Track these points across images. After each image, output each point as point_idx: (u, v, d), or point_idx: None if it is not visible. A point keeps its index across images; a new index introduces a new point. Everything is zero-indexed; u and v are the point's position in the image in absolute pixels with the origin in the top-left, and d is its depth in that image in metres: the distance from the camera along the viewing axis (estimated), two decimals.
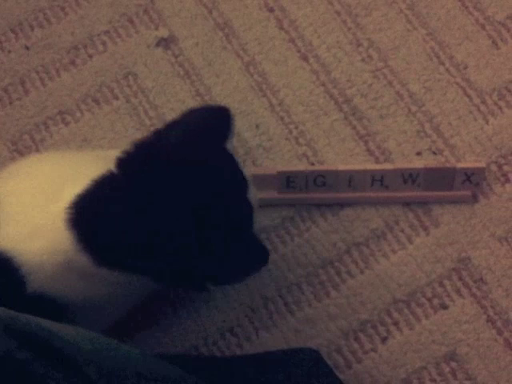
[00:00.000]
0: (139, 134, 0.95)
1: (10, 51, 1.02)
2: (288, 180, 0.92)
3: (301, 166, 0.93)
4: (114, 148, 0.80)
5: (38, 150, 0.98)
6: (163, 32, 1.01)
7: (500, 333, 0.87)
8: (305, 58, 0.99)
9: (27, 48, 1.02)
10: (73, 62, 1.01)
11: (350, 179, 0.92)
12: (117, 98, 0.99)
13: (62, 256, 0.71)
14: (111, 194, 0.71)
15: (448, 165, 0.91)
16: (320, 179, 0.92)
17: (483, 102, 0.95)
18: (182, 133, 0.73)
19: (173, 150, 0.72)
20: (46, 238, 0.72)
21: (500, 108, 0.95)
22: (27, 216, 0.73)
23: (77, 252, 0.71)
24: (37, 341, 0.55)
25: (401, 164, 0.92)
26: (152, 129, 0.97)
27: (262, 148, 0.97)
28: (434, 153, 0.94)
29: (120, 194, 0.71)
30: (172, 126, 0.75)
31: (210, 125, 0.75)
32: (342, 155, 0.95)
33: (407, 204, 0.92)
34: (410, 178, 0.91)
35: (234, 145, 0.80)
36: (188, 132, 0.74)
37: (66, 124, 0.99)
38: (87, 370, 0.56)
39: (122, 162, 0.72)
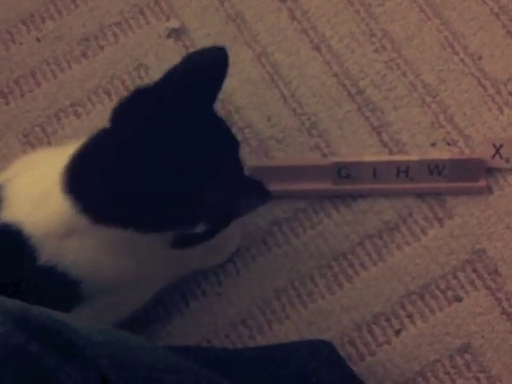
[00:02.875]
0: None
1: (21, 43, 1.02)
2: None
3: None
4: None
5: (49, 142, 0.98)
6: (174, 23, 1.01)
7: None
8: (317, 49, 0.99)
9: (38, 40, 1.02)
10: (84, 54, 1.01)
11: (375, 170, 0.91)
12: (128, 90, 0.99)
13: (64, 220, 0.72)
14: (102, 149, 0.73)
15: (474, 155, 0.91)
16: (344, 171, 0.91)
17: (498, 92, 0.94)
18: (178, 81, 0.74)
19: (166, 101, 0.73)
20: (47, 206, 0.73)
21: None
22: (32, 188, 0.75)
23: (75, 213, 0.72)
24: (48, 333, 0.55)
25: (426, 155, 0.91)
26: None
27: (274, 139, 0.96)
28: (449, 144, 0.93)
29: (110, 147, 0.72)
30: (170, 74, 0.75)
31: (207, 70, 0.75)
32: (355, 147, 0.94)
33: (421, 196, 0.92)
34: (435, 169, 0.90)
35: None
36: (184, 80, 0.74)
37: (78, 116, 0.99)
38: (99, 362, 0.56)
39: (115, 114, 0.74)
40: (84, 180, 0.73)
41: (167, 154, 0.72)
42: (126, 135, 0.73)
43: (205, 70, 0.75)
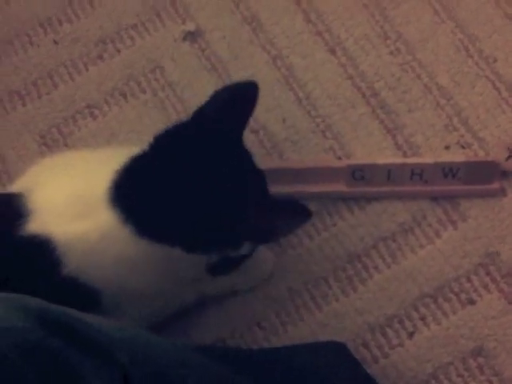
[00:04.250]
0: None
1: (38, 46, 1.03)
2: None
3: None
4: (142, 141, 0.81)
5: (65, 144, 0.99)
6: (190, 26, 1.01)
7: None
8: (332, 51, 0.99)
9: (56, 42, 1.03)
10: (100, 56, 1.02)
11: (389, 173, 0.91)
12: (144, 92, 1.00)
13: (105, 233, 0.74)
14: (144, 169, 0.75)
15: (489, 158, 0.91)
16: (358, 173, 0.92)
17: None
18: (211, 113, 0.78)
19: (203, 132, 0.77)
20: (84, 217, 0.74)
21: None
22: (62, 199, 0.75)
23: (118, 226, 0.73)
24: (68, 329, 0.56)
25: (440, 157, 0.92)
26: None
27: (289, 141, 0.97)
28: (463, 147, 0.93)
29: (152, 169, 0.75)
30: (204, 107, 0.78)
31: (237, 103, 0.78)
32: (369, 149, 0.95)
33: (435, 198, 0.92)
34: (450, 172, 0.90)
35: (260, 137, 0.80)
36: (217, 112, 0.78)
37: (94, 118, 0.99)
38: (120, 357, 0.56)
39: (153, 142, 0.77)
40: (134, 195, 0.74)
41: (212, 177, 0.75)
42: (171, 158, 0.75)
43: (236, 105, 0.78)
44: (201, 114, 0.78)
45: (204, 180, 0.74)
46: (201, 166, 0.75)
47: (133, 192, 0.75)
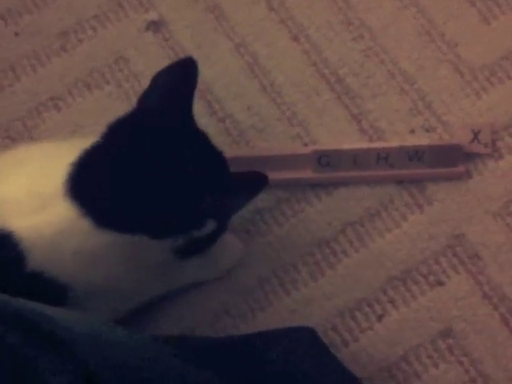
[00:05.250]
0: None
1: None
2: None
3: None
4: None
5: (30, 137, 0.98)
6: (153, 15, 1.01)
7: (496, 308, 0.88)
8: (295, 39, 0.99)
9: (17, 34, 1.01)
10: (63, 48, 1.01)
11: (355, 158, 0.92)
12: (108, 83, 0.99)
13: (63, 226, 0.73)
14: (99, 159, 0.75)
15: (453, 141, 0.91)
16: (324, 159, 0.92)
17: (475, 78, 0.95)
18: (156, 100, 0.78)
19: (149, 117, 0.77)
20: (43, 212, 0.73)
21: (492, 84, 0.95)
22: (23, 192, 0.75)
23: (78, 219, 0.73)
24: (28, 324, 0.55)
25: (405, 141, 0.92)
26: None
27: (254, 129, 0.97)
28: (427, 130, 0.94)
29: (107, 158, 0.75)
30: (148, 93, 0.79)
31: (179, 84, 0.79)
32: (335, 135, 0.95)
33: (401, 182, 0.92)
34: (415, 155, 0.91)
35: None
36: (159, 97, 0.78)
37: (58, 110, 0.99)
38: (80, 352, 0.56)
39: (105, 132, 0.77)
40: (91, 187, 0.74)
41: (167, 160, 0.75)
42: (125, 146, 0.75)
43: (178, 84, 0.78)
44: (146, 99, 0.78)
45: (159, 164, 0.74)
46: (155, 151, 0.75)
47: (89, 183, 0.74)
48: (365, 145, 0.93)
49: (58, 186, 0.73)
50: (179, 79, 0.79)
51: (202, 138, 0.79)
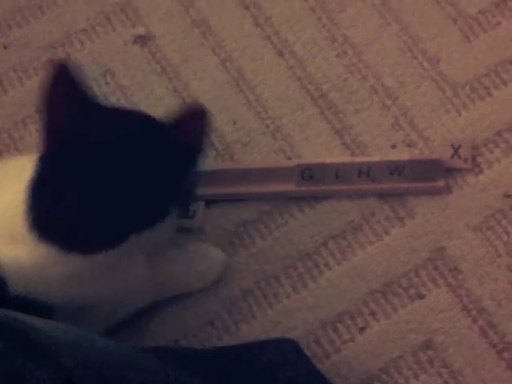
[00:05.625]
0: None
1: None
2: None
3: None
4: None
5: (16, 149, 0.99)
6: (140, 30, 1.02)
7: (475, 321, 0.89)
8: (281, 54, 1.01)
9: (5, 47, 1.03)
10: (51, 61, 1.02)
11: (337, 172, 0.93)
12: (94, 96, 1.00)
13: (37, 258, 0.74)
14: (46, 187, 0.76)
15: (433, 156, 0.93)
16: (307, 172, 0.93)
17: (456, 94, 0.97)
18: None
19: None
20: (15, 243, 0.74)
21: (472, 101, 0.96)
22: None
23: (47, 248, 0.74)
24: (12, 333, 0.56)
25: (387, 156, 0.93)
26: None
27: (239, 143, 0.98)
28: (409, 145, 0.95)
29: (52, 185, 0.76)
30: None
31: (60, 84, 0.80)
32: (318, 149, 0.96)
33: (383, 196, 0.94)
34: (396, 170, 0.92)
35: None
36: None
37: None
38: (63, 360, 0.56)
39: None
40: (47, 214, 0.75)
41: (107, 169, 0.76)
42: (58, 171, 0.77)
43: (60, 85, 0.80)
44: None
45: (100, 173, 0.76)
46: (92, 163, 0.76)
47: (44, 211, 0.75)
48: (347, 159, 0.94)
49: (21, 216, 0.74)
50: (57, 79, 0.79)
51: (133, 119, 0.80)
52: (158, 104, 0.99)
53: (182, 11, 1.03)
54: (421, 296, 0.90)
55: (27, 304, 0.74)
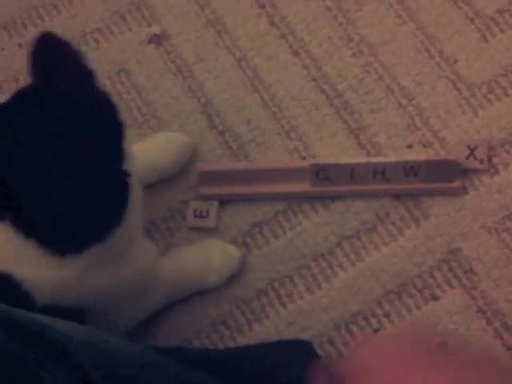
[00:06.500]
0: (132, 131, 0.96)
1: (3, 49, 1.04)
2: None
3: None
4: None
5: None
6: (155, 29, 1.02)
7: (490, 323, 0.88)
8: (296, 54, 1.00)
9: (20, 46, 1.03)
10: None
11: (352, 172, 0.93)
12: (110, 95, 1.00)
13: (48, 271, 0.74)
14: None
15: (449, 157, 0.92)
16: (322, 173, 0.93)
17: (472, 95, 0.96)
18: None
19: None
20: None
21: (489, 101, 0.96)
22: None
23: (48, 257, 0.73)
24: (29, 332, 0.56)
25: (402, 156, 0.93)
26: (145, 125, 0.99)
27: (254, 143, 0.98)
28: (424, 145, 0.95)
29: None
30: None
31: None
32: (333, 149, 0.96)
33: (397, 197, 0.93)
34: (411, 170, 0.92)
35: None
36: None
37: None
38: (80, 360, 0.56)
39: None
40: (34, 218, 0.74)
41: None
42: None
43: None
44: None
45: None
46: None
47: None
48: (362, 159, 0.94)
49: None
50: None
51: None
52: (173, 103, 0.99)
53: (198, 10, 1.03)
54: (435, 297, 0.90)
55: (56, 312, 0.74)
